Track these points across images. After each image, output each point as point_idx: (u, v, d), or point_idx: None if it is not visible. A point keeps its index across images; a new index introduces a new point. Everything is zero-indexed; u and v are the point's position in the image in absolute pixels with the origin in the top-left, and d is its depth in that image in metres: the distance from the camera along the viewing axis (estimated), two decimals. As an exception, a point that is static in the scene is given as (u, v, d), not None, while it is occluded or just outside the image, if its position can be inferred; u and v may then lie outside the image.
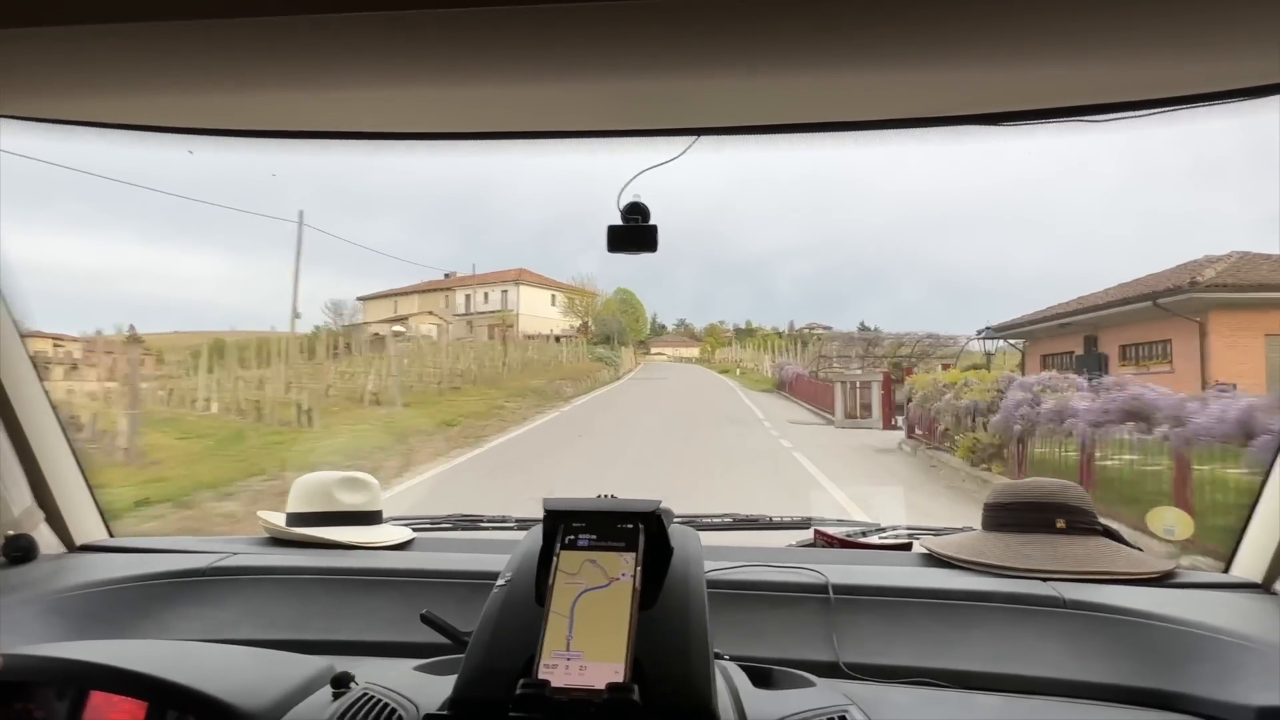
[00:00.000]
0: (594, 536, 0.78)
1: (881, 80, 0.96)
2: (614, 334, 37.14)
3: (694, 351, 48.22)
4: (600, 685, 0.66)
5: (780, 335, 43.67)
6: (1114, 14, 0.75)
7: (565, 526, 0.79)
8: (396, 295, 38.39)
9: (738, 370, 35.01)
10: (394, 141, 1.16)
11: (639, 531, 0.78)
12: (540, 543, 0.82)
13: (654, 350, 48.29)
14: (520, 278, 38.99)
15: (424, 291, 38.51)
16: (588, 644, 0.70)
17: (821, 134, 1.14)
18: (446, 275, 40.03)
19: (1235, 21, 0.77)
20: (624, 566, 0.75)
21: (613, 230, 1.13)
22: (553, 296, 39.36)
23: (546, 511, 0.81)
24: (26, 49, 0.80)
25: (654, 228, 1.14)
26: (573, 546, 0.78)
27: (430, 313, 35.83)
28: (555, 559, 0.76)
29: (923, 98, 1.04)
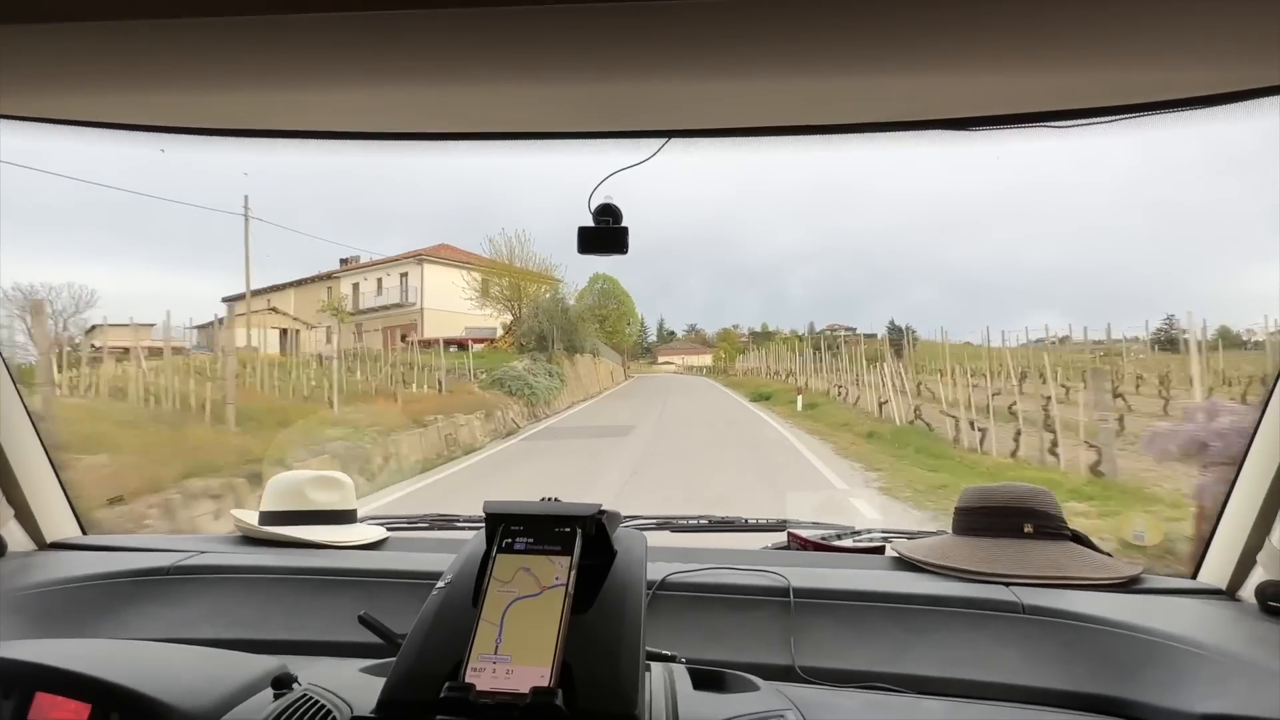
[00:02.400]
0: (531, 540, 0.78)
1: (849, 84, 0.96)
2: (548, 335, 22.39)
3: (706, 360, 45.36)
4: (525, 689, 0.66)
5: (800, 338, 39.22)
6: (1081, 22, 0.75)
7: (504, 529, 0.79)
8: (270, 291, 27.13)
9: (798, 397, 17.44)
10: (368, 141, 1.17)
11: (575, 535, 0.77)
12: (483, 545, 0.82)
13: (661, 359, 43.89)
14: (434, 254, 27.36)
15: (306, 284, 28.35)
16: (517, 648, 0.70)
17: (794, 137, 1.14)
18: (343, 261, 29.36)
19: (1198, 31, 0.77)
20: (558, 571, 0.75)
21: (583, 231, 1.12)
22: (484, 285, 26.93)
23: (486, 514, 0.81)
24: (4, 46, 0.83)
25: (625, 229, 1.13)
26: (510, 549, 0.78)
27: (273, 309, 24.97)
28: (490, 563, 0.76)
29: (890, 102, 1.04)
